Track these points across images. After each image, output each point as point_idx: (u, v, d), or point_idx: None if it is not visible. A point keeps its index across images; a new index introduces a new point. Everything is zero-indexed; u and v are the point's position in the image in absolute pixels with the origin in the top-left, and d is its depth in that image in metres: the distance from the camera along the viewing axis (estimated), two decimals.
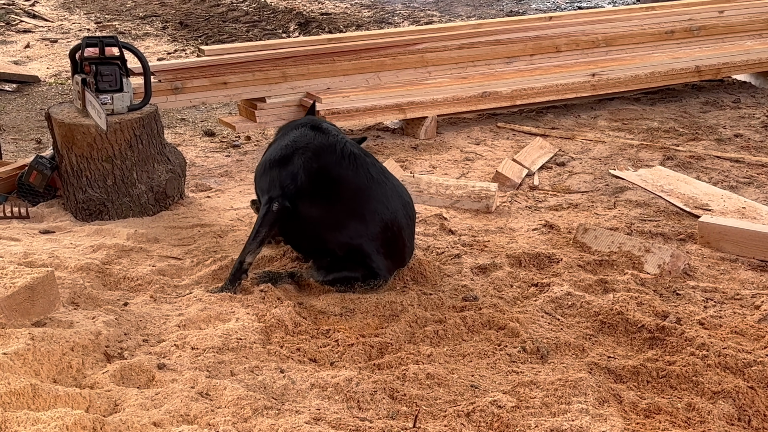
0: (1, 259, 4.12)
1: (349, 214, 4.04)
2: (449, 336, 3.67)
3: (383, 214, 4.03)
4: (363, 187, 4.04)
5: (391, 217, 4.04)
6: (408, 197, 4.21)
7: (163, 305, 3.84)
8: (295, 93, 6.51)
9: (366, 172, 4.06)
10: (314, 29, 10.46)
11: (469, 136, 6.63)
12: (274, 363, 3.35)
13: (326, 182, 4.05)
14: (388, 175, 4.18)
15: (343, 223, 4.04)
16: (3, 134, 6.42)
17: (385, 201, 4.05)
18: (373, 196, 4.04)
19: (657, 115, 7.18)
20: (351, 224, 4.03)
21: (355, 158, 4.08)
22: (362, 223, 4.02)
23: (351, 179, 4.05)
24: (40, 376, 3.04)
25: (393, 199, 4.08)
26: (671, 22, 8.00)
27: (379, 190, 4.05)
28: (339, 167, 4.05)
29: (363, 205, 4.03)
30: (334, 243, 4.06)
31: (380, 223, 4.02)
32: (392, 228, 4.05)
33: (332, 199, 4.05)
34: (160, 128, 5.07)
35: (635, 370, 3.41)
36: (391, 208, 4.06)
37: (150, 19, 11.03)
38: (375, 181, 4.06)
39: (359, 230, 4.02)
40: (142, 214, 4.96)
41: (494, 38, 7.35)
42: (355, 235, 4.02)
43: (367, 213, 4.02)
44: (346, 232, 4.03)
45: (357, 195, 4.04)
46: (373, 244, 4.02)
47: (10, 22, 10.62)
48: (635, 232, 4.85)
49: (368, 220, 4.02)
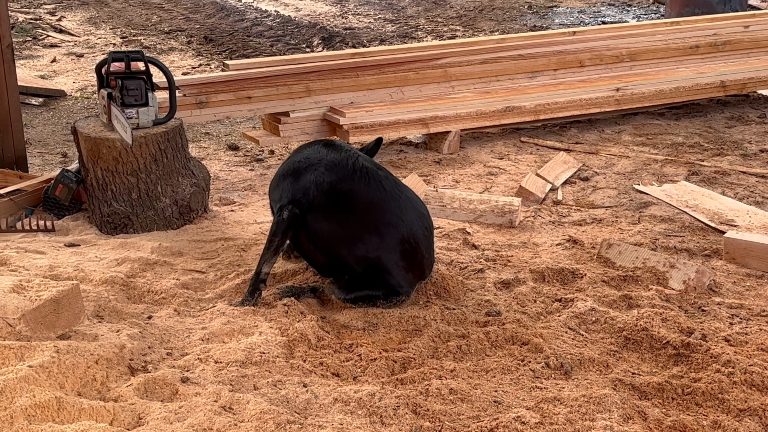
0: (27, 272, 4.16)
1: (364, 228, 4.04)
2: (472, 351, 3.66)
3: (398, 227, 4.03)
4: (376, 200, 4.05)
5: (407, 230, 4.04)
6: (424, 209, 4.21)
7: (186, 319, 3.85)
8: (319, 107, 6.52)
9: (379, 185, 4.07)
10: (338, 44, 10.49)
11: (493, 151, 6.63)
12: (297, 377, 3.36)
13: (339, 196, 4.06)
14: (402, 188, 4.18)
15: (358, 237, 4.04)
16: (29, 148, 6.47)
17: (400, 213, 4.05)
18: (387, 209, 4.04)
19: (682, 130, 7.14)
20: (366, 238, 4.03)
21: (367, 172, 4.09)
22: (378, 237, 4.02)
23: (364, 193, 4.05)
24: (65, 389, 3.05)
25: (408, 211, 4.08)
26: (696, 37, 7.97)
27: (393, 202, 4.06)
28: (351, 181, 4.06)
29: (377, 219, 4.04)
30: (351, 258, 4.06)
31: (396, 236, 4.02)
32: (409, 240, 4.04)
33: (346, 213, 4.06)
34: (185, 142, 5.10)
35: (660, 387, 3.39)
36: (406, 220, 4.05)
37: (175, 34, 11.10)
38: (389, 193, 4.07)
39: (375, 243, 4.02)
40: (167, 227, 4.99)
41: (518, 53, 7.35)
42: (372, 249, 4.02)
43: (382, 226, 4.03)
44: (363, 246, 4.03)
45: (370, 208, 4.06)
46: (391, 257, 4.02)
47: (37, 37, 10.72)
48: (660, 247, 4.82)
49: (383, 233, 4.02)
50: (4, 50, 5.52)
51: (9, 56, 5.57)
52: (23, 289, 3.42)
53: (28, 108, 7.72)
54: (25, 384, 2.93)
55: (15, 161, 5.71)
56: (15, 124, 5.69)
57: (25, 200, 5.21)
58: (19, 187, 5.28)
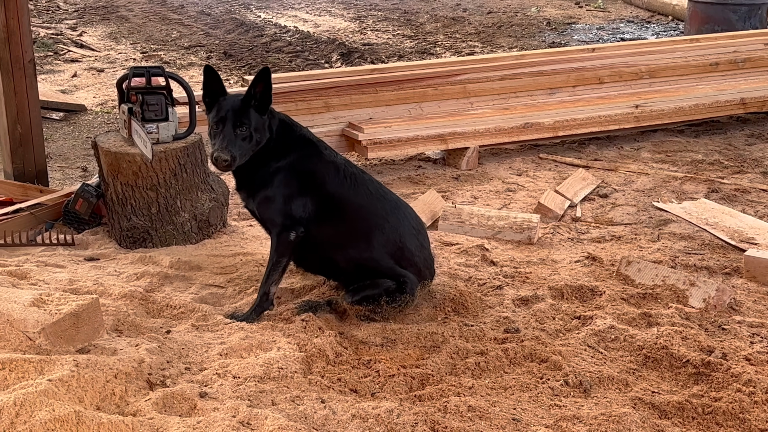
0: (47, 285, 4.17)
1: (354, 232, 4.13)
2: (491, 368, 3.64)
3: (384, 228, 4.13)
4: (364, 204, 4.16)
5: (393, 231, 4.15)
6: (410, 210, 4.34)
7: (205, 333, 3.85)
8: (338, 123, 6.54)
9: (365, 189, 4.18)
10: (356, 59, 10.52)
11: (511, 167, 6.62)
12: (315, 393, 3.35)
13: (332, 204, 4.13)
14: (387, 191, 4.31)
15: (350, 241, 4.13)
16: (50, 162, 6.51)
17: (386, 215, 4.17)
18: (373, 212, 4.15)
19: (701, 147, 7.11)
20: (357, 242, 4.12)
21: (355, 178, 4.18)
22: (365, 241, 4.11)
23: (352, 198, 4.15)
24: (84, 403, 3.06)
25: (394, 212, 4.20)
26: (716, 54, 7.95)
27: (380, 205, 4.18)
28: (341, 188, 4.14)
29: (365, 222, 4.14)
30: (343, 261, 4.14)
31: (382, 238, 4.12)
32: (394, 241, 4.14)
33: (337, 219, 4.13)
34: (204, 157, 5.12)
35: (680, 406, 3.37)
36: (392, 221, 4.16)
37: (195, 49, 11.16)
38: (374, 197, 4.19)
39: (364, 246, 4.11)
40: (186, 242, 5.00)
41: (537, 69, 7.35)
42: (364, 250, 4.11)
43: (371, 229, 4.13)
44: (353, 249, 4.12)
45: (359, 212, 4.16)
46: (383, 258, 4.10)
47: (58, 52, 10.80)
48: (679, 265, 4.80)
49: (371, 236, 4.12)
50: (26, 65, 5.57)
51: (31, 71, 5.61)
52: (43, 302, 3.43)
53: (49, 122, 7.77)
54: (45, 398, 2.94)
55: (36, 175, 5.75)
56: (36, 138, 5.72)
57: (45, 214, 5.24)
58: (39, 201, 5.30)
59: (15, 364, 3.13)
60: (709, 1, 10.81)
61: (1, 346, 3.26)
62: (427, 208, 5.48)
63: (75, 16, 13.28)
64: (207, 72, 4.05)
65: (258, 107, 4.01)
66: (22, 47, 5.53)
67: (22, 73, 5.56)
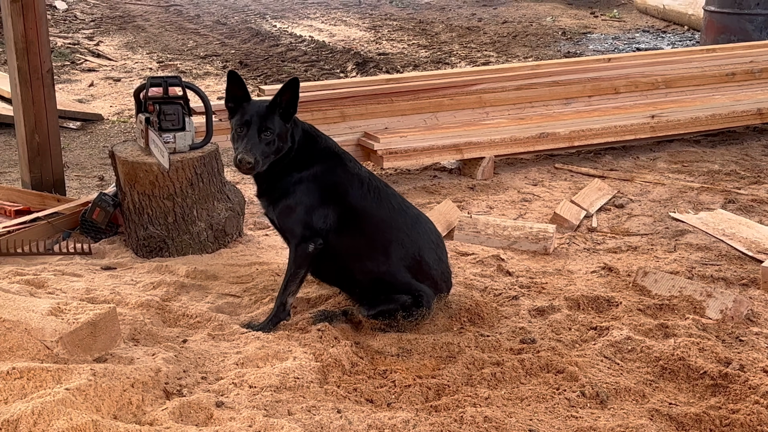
0: (64, 294, 4.19)
1: (373, 245, 4.12)
2: (507, 379, 3.64)
3: (404, 243, 4.12)
4: (386, 218, 4.14)
5: (413, 245, 4.13)
6: (431, 225, 4.33)
7: (221, 343, 3.86)
8: (354, 132, 6.55)
9: (388, 204, 4.17)
10: (372, 69, 10.54)
11: (527, 177, 6.61)
12: (331, 403, 3.35)
13: (353, 217, 4.12)
14: (408, 205, 4.30)
15: (368, 254, 4.11)
16: (67, 171, 6.54)
17: (407, 230, 4.15)
18: (395, 227, 4.14)
19: (718, 157, 7.09)
20: (375, 255, 4.11)
21: (378, 192, 4.17)
22: (384, 254, 4.10)
23: (374, 212, 4.14)
24: (101, 412, 3.07)
25: (414, 227, 4.19)
26: (732, 64, 7.93)
27: (401, 219, 4.16)
28: (364, 201, 4.13)
29: (385, 235, 4.12)
30: (360, 272, 4.13)
31: (401, 252, 4.10)
32: (414, 255, 4.12)
33: (358, 232, 4.13)
34: (221, 166, 5.14)
35: (698, 418, 3.35)
36: (413, 235, 4.15)
37: (211, 59, 11.21)
38: (396, 211, 4.17)
39: (382, 260, 4.10)
40: (202, 251, 5.01)
41: (552, 79, 7.35)
42: (382, 263, 4.10)
43: (390, 243, 4.12)
44: (371, 263, 4.11)
45: (379, 226, 4.14)
46: (399, 272, 4.09)
47: (75, 62, 10.86)
48: (696, 276, 4.78)
49: (391, 250, 4.11)
50: (44, 75, 5.60)
51: (49, 81, 5.65)
52: (61, 312, 3.45)
53: (66, 132, 7.81)
54: (62, 407, 2.95)
55: (53, 184, 5.78)
56: (53, 147, 5.76)
57: (62, 223, 5.26)
58: (56, 210, 5.33)
59: (33, 373, 3.14)
60: (725, 11, 10.79)
61: (19, 355, 3.28)
62: (443, 218, 5.48)
63: (92, 26, 13.37)
64: (231, 77, 4.06)
65: (282, 115, 4.03)
66: (40, 57, 5.57)
67: (40, 82, 5.60)
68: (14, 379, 3.10)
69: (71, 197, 5.81)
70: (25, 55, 5.52)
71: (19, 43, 5.49)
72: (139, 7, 15.00)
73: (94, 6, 15.00)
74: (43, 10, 5.58)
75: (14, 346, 3.26)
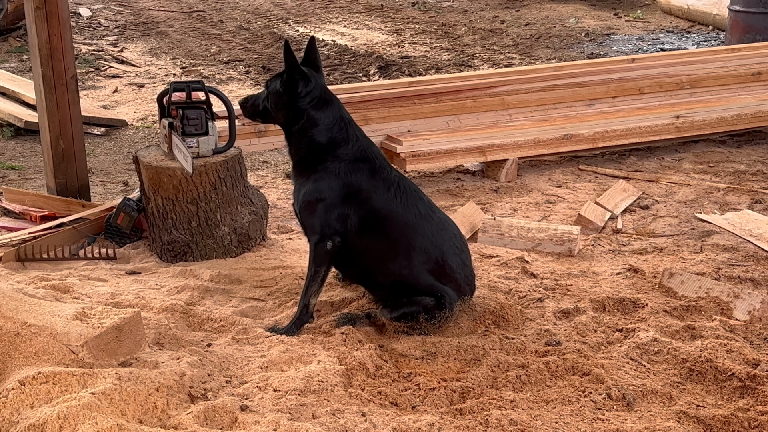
0: (89, 299, 4.21)
1: (396, 248, 4.10)
2: (532, 381, 3.61)
3: (428, 248, 4.09)
4: (410, 223, 4.11)
5: (437, 250, 4.11)
6: (457, 230, 4.30)
7: (245, 347, 3.86)
8: (376, 135, 6.54)
9: (415, 209, 4.14)
10: (394, 72, 10.53)
11: (551, 179, 6.58)
12: (356, 406, 3.35)
13: (378, 219, 4.11)
14: (435, 209, 4.26)
15: (391, 257, 4.10)
16: (92, 176, 6.58)
17: (432, 236, 4.12)
18: (420, 233, 4.11)
19: (744, 157, 7.03)
20: (398, 259, 4.09)
21: (406, 195, 4.14)
22: (406, 258, 4.08)
23: (400, 216, 4.11)
24: (126, 416, 3.08)
25: (439, 232, 4.15)
26: (758, 63, 7.86)
27: (427, 224, 4.13)
28: (391, 204, 4.11)
29: (409, 239, 4.09)
30: (382, 276, 4.13)
31: (424, 256, 4.08)
32: (438, 259, 4.10)
33: (382, 234, 4.11)
34: (244, 171, 5.14)
35: (726, 420, 3.31)
36: (437, 241, 4.12)
37: (233, 64, 11.24)
38: (422, 216, 4.14)
39: (404, 264, 4.08)
40: (226, 255, 5.02)
41: (576, 80, 7.32)
42: (404, 267, 4.08)
43: (413, 247, 4.09)
44: (393, 265, 4.09)
45: (404, 230, 4.11)
46: (422, 274, 4.07)
47: (100, 68, 10.93)
48: (723, 277, 4.73)
49: (413, 255, 4.08)
50: (68, 81, 5.64)
51: (73, 87, 5.68)
52: (86, 316, 3.46)
53: (91, 137, 7.85)
54: (88, 411, 2.96)
55: (78, 190, 5.81)
56: (78, 153, 5.79)
57: (87, 228, 5.29)
58: (81, 216, 5.36)
59: (58, 378, 3.15)
60: (750, 11, 10.70)
61: (45, 359, 3.29)
62: (467, 220, 5.46)
63: (116, 32, 13.44)
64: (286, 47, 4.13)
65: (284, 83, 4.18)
66: (64, 64, 5.61)
67: (64, 89, 5.64)
68: (40, 383, 3.11)
69: (96, 202, 5.84)
70: (50, 62, 5.56)
71: (43, 50, 5.53)
72: (163, 13, 15.07)
73: (118, 13, 15.09)
74: (67, 16, 5.61)
75: (40, 351, 3.28)
